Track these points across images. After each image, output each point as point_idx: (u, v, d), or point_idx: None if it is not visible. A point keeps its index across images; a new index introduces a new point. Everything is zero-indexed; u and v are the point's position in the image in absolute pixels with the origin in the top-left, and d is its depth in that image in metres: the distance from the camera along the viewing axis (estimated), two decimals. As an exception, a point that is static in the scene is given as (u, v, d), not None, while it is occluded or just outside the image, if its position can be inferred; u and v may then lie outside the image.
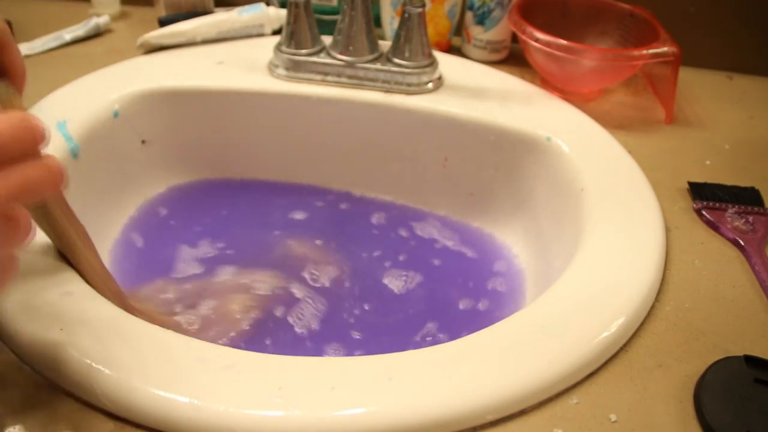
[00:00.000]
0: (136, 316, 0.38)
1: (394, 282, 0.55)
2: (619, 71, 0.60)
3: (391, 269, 0.56)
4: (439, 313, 0.52)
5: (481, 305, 0.53)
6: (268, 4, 0.69)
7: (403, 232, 0.60)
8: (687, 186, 0.52)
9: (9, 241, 0.25)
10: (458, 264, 0.57)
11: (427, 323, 0.51)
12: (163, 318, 0.46)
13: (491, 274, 0.56)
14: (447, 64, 0.63)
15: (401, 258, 0.57)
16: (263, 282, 0.53)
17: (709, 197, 0.50)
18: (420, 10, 0.57)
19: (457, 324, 0.51)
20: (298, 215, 0.62)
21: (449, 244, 0.59)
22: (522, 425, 0.34)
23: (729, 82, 0.70)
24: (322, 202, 0.63)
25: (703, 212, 0.49)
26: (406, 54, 0.58)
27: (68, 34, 0.68)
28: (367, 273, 0.56)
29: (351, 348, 0.49)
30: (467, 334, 0.37)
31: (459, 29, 0.71)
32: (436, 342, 0.48)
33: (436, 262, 0.57)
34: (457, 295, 0.54)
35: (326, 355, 0.48)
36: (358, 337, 0.50)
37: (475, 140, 0.58)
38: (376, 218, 0.62)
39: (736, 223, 0.48)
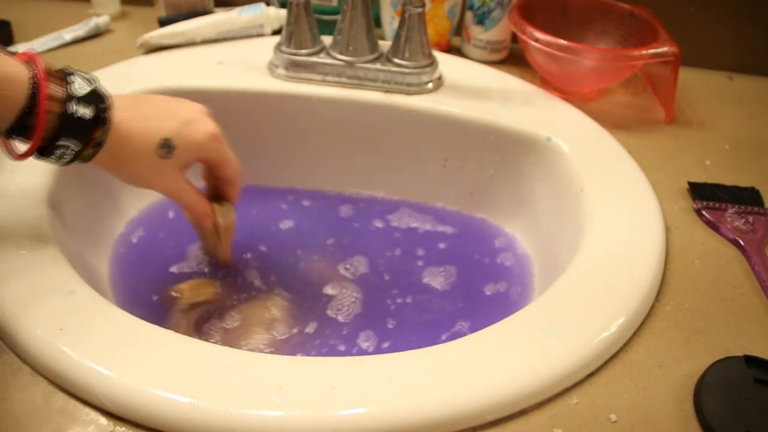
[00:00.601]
0: None
1: (396, 279, 0.55)
2: (619, 71, 0.60)
3: (392, 267, 0.56)
4: (444, 310, 0.52)
5: (481, 304, 0.53)
6: (268, 4, 0.69)
7: (402, 232, 0.60)
8: (687, 186, 0.52)
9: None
10: (456, 263, 0.57)
11: (425, 319, 0.51)
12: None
13: (490, 273, 0.56)
14: (447, 64, 0.63)
15: (400, 257, 0.57)
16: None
17: (709, 197, 0.50)
18: (420, 10, 0.57)
19: (456, 323, 0.51)
20: (298, 215, 0.62)
21: (449, 243, 0.59)
22: (522, 425, 0.34)
23: (729, 82, 0.70)
24: (321, 202, 0.63)
25: (703, 212, 0.49)
26: (406, 54, 0.58)
27: (68, 34, 0.68)
28: (367, 272, 0.56)
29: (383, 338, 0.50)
30: (466, 334, 0.38)
31: (459, 29, 0.71)
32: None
33: (436, 260, 0.57)
34: (456, 294, 0.54)
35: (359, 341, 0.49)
36: (390, 327, 0.51)
37: (475, 140, 0.58)
38: (375, 217, 0.62)
39: (736, 223, 0.48)
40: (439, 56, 0.62)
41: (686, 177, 0.53)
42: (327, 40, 0.61)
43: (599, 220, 0.46)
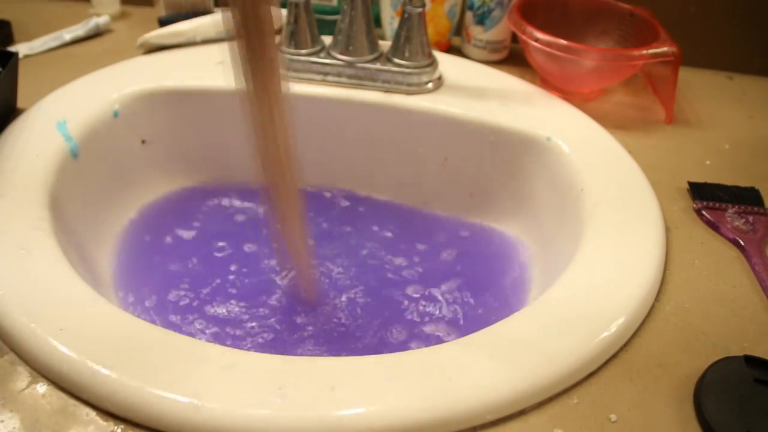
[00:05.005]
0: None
1: (397, 279, 0.55)
2: (619, 71, 0.60)
3: (392, 268, 0.56)
4: (443, 308, 0.52)
5: (482, 304, 0.53)
6: (268, 4, 0.69)
7: (401, 232, 0.60)
8: (687, 186, 0.52)
9: None
10: (457, 262, 0.57)
11: (425, 319, 0.51)
12: None
13: (490, 273, 0.56)
14: (447, 64, 0.63)
15: (399, 256, 0.57)
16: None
17: (709, 197, 0.50)
18: (420, 10, 0.57)
19: (457, 323, 0.51)
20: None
21: (449, 243, 0.59)
22: (522, 425, 0.34)
23: (729, 82, 0.70)
24: (322, 202, 0.63)
25: (703, 212, 0.49)
26: (406, 54, 0.58)
27: (68, 34, 0.68)
28: (368, 273, 0.56)
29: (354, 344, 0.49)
30: (467, 333, 0.37)
31: (459, 29, 0.71)
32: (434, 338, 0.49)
33: (435, 259, 0.57)
34: (456, 294, 0.54)
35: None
36: (388, 326, 0.51)
37: (475, 140, 0.58)
38: (375, 218, 0.62)
39: (736, 223, 0.48)
40: (439, 56, 0.62)
41: (686, 177, 0.53)
42: (327, 40, 0.61)
43: (599, 220, 0.46)
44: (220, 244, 0.58)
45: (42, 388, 0.34)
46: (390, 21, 0.69)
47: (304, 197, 0.63)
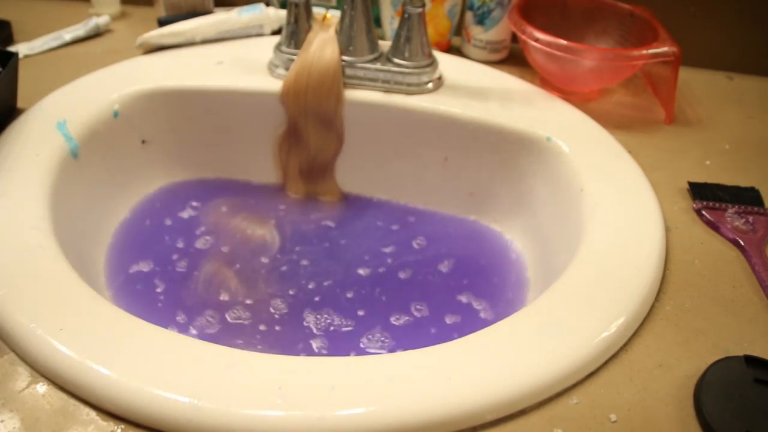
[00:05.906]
0: None
1: (397, 278, 0.55)
2: (619, 71, 0.60)
3: (392, 267, 0.56)
4: (440, 310, 0.52)
5: (480, 304, 0.53)
6: (267, 5, 0.69)
7: (403, 232, 0.60)
8: (687, 186, 0.52)
9: None
10: (457, 263, 0.57)
11: (425, 318, 0.51)
12: None
13: (490, 273, 0.56)
14: (447, 64, 0.63)
15: (401, 257, 0.57)
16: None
17: (709, 197, 0.50)
18: (420, 10, 0.57)
19: (455, 322, 0.51)
20: (298, 215, 0.62)
21: (449, 243, 0.59)
22: (522, 425, 0.34)
23: (729, 82, 0.70)
24: (322, 201, 0.63)
25: (703, 212, 0.49)
26: (406, 54, 0.58)
27: (68, 34, 0.68)
28: (367, 271, 0.56)
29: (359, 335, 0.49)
30: (464, 334, 0.37)
31: (459, 29, 0.71)
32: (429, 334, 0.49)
33: (437, 260, 0.57)
34: (455, 294, 0.54)
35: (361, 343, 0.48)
36: (387, 326, 0.50)
37: (475, 140, 0.58)
38: (375, 218, 0.62)
39: (736, 223, 0.48)
40: (439, 56, 0.62)
41: (686, 177, 0.53)
42: (327, 40, 0.61)
43: (599, 220, 0.46)
44: (220, 242, 0.58)
45: (42, 388, 0.34)
46: (390, 21, 0.69)
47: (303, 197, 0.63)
